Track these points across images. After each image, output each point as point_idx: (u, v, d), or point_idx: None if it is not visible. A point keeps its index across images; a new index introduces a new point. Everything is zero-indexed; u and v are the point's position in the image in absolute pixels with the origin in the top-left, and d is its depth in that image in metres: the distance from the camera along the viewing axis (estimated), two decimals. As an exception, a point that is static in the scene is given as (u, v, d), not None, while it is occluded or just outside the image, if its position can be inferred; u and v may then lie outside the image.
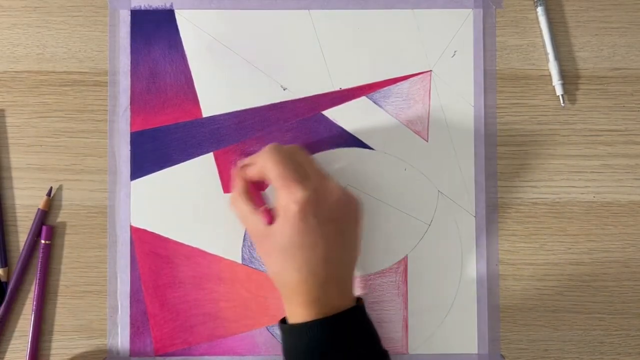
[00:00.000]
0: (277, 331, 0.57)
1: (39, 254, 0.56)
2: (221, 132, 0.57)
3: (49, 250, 0.56)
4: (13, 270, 0.56)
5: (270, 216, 0.50)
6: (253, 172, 0.52)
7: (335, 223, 0.50)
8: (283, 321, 0.52)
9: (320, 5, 0.58)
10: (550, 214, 0.57)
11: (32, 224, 0.56)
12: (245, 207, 0.52)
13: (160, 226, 0.57)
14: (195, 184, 0.57)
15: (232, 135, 0.57)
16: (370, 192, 0.57)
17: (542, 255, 0.57)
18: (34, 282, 0.56)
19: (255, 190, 0.54)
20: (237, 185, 0.53)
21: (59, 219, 0.57)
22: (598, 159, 0.57)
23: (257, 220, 0.51)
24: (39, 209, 0.56)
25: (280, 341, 0.52)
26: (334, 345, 0.48)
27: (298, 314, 0.50)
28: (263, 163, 0.50)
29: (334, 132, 0.58)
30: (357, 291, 0.57)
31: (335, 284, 0.50)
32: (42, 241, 0.56)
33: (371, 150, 0.58)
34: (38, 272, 0.56)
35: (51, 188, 0.57)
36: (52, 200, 0.57)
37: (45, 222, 0.57)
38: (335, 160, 0.57)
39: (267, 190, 0.56)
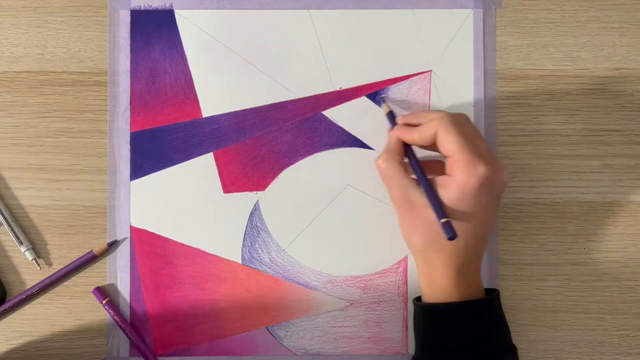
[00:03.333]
0: (277, 331, 0.57)
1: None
2: (221, 132, 0.57)
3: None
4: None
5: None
6: (418, 137, 0.50)
7: (496, 202, 0.51)
8: (418, 300, 0.53)
9: (320, 5, 0.58)
10: (550, 214, 0.57)
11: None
12: (399, 169, 0.51)
13: (160, 226, 0.57)
14: (195, 184, 0.57)
15: (232, 135, 0.57)
16: (370, 192, 0.57)
17: (542, 255, 0.57)
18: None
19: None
20: (393, 144, 0.52)
21: (59, 219, 0.57)
22: (598, 159, 0.57)
23: (409, 186, 0.50)
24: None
25: (414, 317, 0.53)
26: (480, 327, 0.50)
27: (440, 291, 0.50)
28: (442, 133, 0.49)
29: (334, 132, 0.58)
30: (357, 291, 0.57)
31: (479, 263, 0.51)
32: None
33: (371, 150, 0.57)
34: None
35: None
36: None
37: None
38: (335, 160, 0.57)
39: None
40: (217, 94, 0.58)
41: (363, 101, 0.58)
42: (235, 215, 0.57)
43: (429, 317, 0.51)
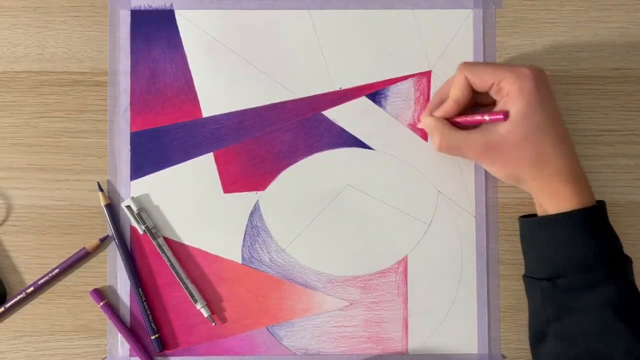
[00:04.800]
0: (277, 331, 0.57)
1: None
2: (221, 132, 0.57)
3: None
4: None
5: (502, 113, 0.50)
6: (452, 101, 0.53)
7: (552, 95, 0.52)
8: (526, 217, 0.54)
9: (320, 5, 0.58)
10: (550, 214, 0.57)
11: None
12: (457, 132, 0.53)
13: (160, 226, 0.57)
14: (195, 184, 0.57)
15: (232, 135, 0.57)
16: (370, 192, 0.57)
17: (542, 255, 0.57)
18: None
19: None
20: (434, 123, 0.54)
21: (59, 219, 0.57)
22: (598, 159, 0.57)
23: (478, 134, 0.51)
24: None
25: (525, 237, 0.54)
26: (603, 232, 0.51)
27: (566, 201, 0.50)
28: (469, 70, 0.51)
29: (334, 132, 0.58)
30: (357, 291, 0.57)
31: (578, 161, 0.52)
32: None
33: (371, 150, 0.57)
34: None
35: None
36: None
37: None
38: (335, 160, 0.57)
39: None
40: (217, 94, 0.58)
41: (363, 101, 0.58)
42: (235, 215, 0.57)
43: (564, 224, 0.50)
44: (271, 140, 0.57)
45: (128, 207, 0.56)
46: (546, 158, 0.50)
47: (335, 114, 0.58)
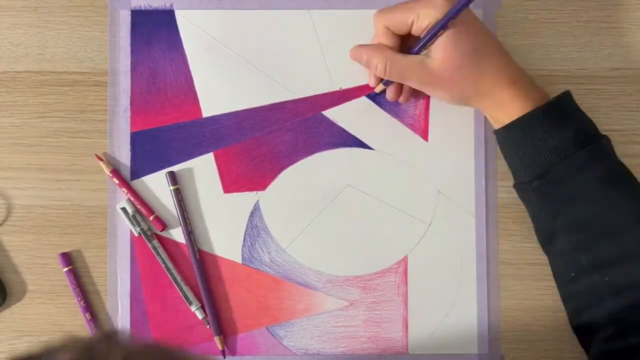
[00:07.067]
0: (277, 331, 0.57)
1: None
2: (221, 132, 0.57)
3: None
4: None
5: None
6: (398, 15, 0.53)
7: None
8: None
9: (320, 5, 0.58)
10: (550, 214, 0.57)
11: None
12: (402, 60, 0.52)
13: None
14: (196, 184, 0.57)
15: (232, 135, 0.57)
16: (370, 192, 0.57)
17: (542, 255, 0.57)
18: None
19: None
20: (379, 51, 0.54)
21: (58, 219, 0.57)
22: (598, 159, 0.57)
23: (420, 60, 0.52)
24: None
25: (503, 147, 0.54)
26: (573, 118, 0.52)
27: (515, 106, 0.51)
28: (388, 17, 0.52)
29: (334, 132, 0.58)
30: (357, 291, 0.57)
31: (517, 66, 0.53)
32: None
33: (371, 150, 0.58)
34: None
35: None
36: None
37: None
38: (335, 160, 0.57)
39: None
40: (217, 94, 0.58)
41: (363, 101, 0.58)
42: (235, 215, 0.57)
43: (523, 128, 0.51)
44: (271, 140, 0.58)
45: (123, 209, 0.56)
46: (484, 72, 0.51)
47: (335, 114, 0.58)
